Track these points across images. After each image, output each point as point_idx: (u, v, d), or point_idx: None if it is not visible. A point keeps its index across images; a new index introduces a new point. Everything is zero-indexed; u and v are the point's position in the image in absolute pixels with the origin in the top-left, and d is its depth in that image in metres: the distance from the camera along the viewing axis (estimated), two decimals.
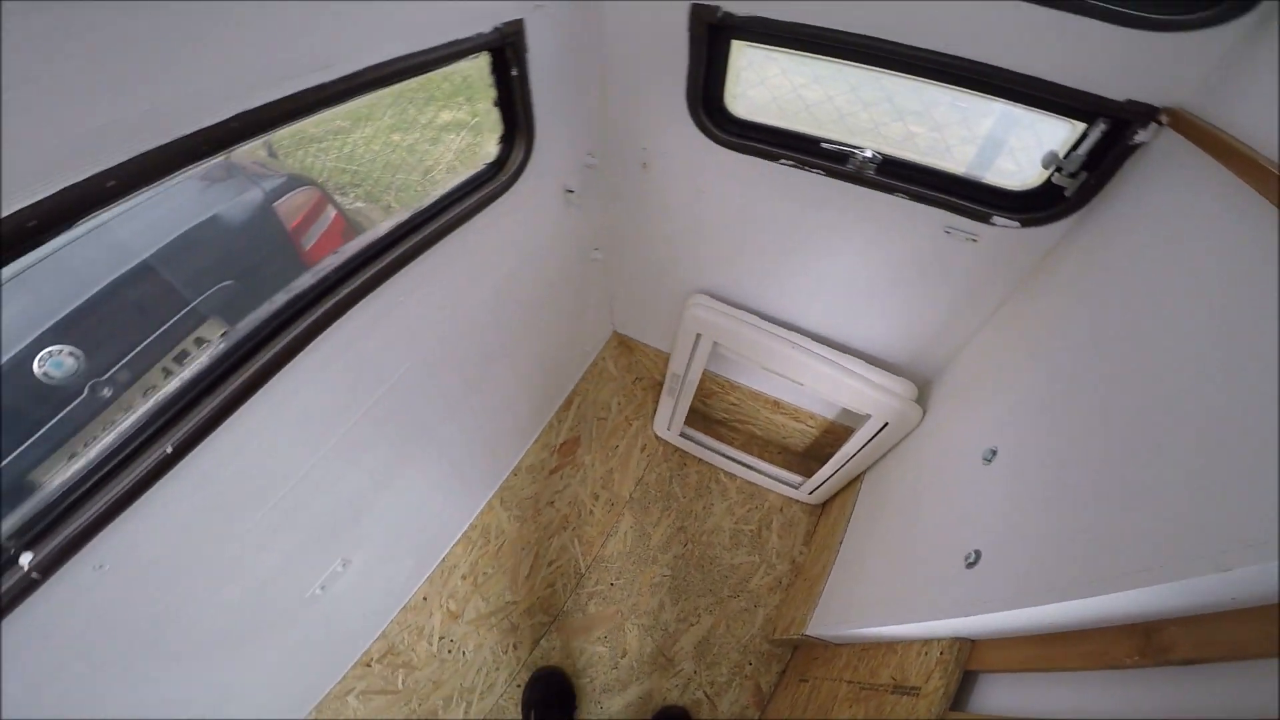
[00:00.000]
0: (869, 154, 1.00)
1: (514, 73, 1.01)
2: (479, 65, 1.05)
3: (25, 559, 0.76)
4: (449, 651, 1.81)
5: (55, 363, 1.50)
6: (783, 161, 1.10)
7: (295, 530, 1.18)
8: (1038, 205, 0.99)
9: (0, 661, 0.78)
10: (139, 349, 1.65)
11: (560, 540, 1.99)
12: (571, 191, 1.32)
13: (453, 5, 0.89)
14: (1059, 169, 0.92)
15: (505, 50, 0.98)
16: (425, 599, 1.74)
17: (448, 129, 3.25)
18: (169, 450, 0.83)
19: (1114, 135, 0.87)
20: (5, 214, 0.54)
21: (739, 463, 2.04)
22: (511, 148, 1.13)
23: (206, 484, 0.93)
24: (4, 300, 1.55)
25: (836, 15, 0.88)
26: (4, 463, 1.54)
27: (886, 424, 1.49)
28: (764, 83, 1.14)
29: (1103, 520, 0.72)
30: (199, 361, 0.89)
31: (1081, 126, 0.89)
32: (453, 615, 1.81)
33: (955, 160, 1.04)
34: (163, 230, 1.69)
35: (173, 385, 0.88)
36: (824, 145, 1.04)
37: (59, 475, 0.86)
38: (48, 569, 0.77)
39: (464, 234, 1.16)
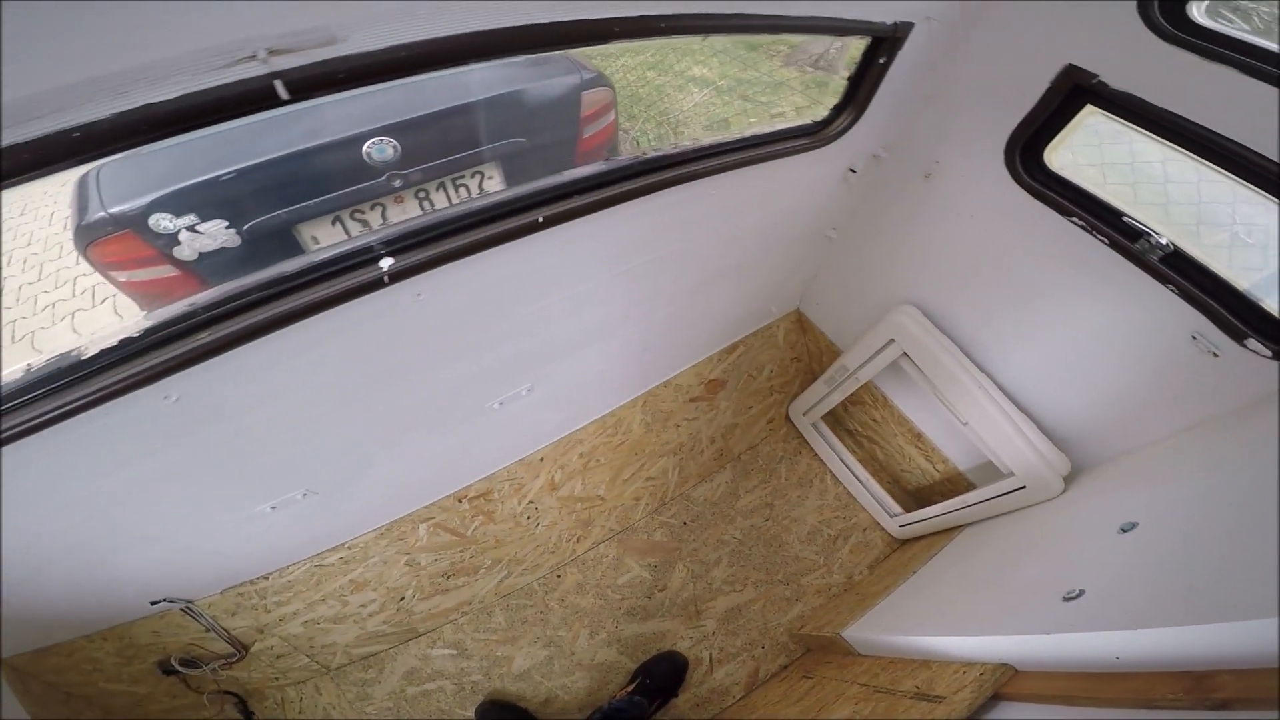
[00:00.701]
0: (1164, 241, 1.10)
1: (882, 60, 1.18)
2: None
3: (385, 263, 0.99)
4: (528, 518, 1.99)
5: (380, 148, 1.87)
6: (1073, 220, 1.21)
7: (528, 339, 1.42)
8: None
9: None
10: (434, 164, 1.98)
11: (665, 463, 2.19)
12: (854, 172, 1.49)
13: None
14: None
15: (887, 42, 1.15)
16: (542, 459, 1.92)
17: (695, 82, 3.53)
18: (540, 219, 1.07)
19: None
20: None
21: (851, 472, 2.16)
22: (839, 116, 1.31)
23: (527, 261, 1.18)
24: (367, 97, 1.91)
25: (1225, 118, 0.93)
26: (304, 206, 1.93)
27: (1023, 487, 1.57)
28: (1079, 147, 1.24)
29: (1220, 573, 0.84)
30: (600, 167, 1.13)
31: None
32: (552, 486, 2.00)
33: (1236, 279, 1.11)
34: (494, 83, 2.02)
35: (570, 177, 1.12)
36: (1124, 219, 1.14)
37: (441, 212, 1.08)
38: (395, 276, 1.00)
39: (764, 169, 1.35)
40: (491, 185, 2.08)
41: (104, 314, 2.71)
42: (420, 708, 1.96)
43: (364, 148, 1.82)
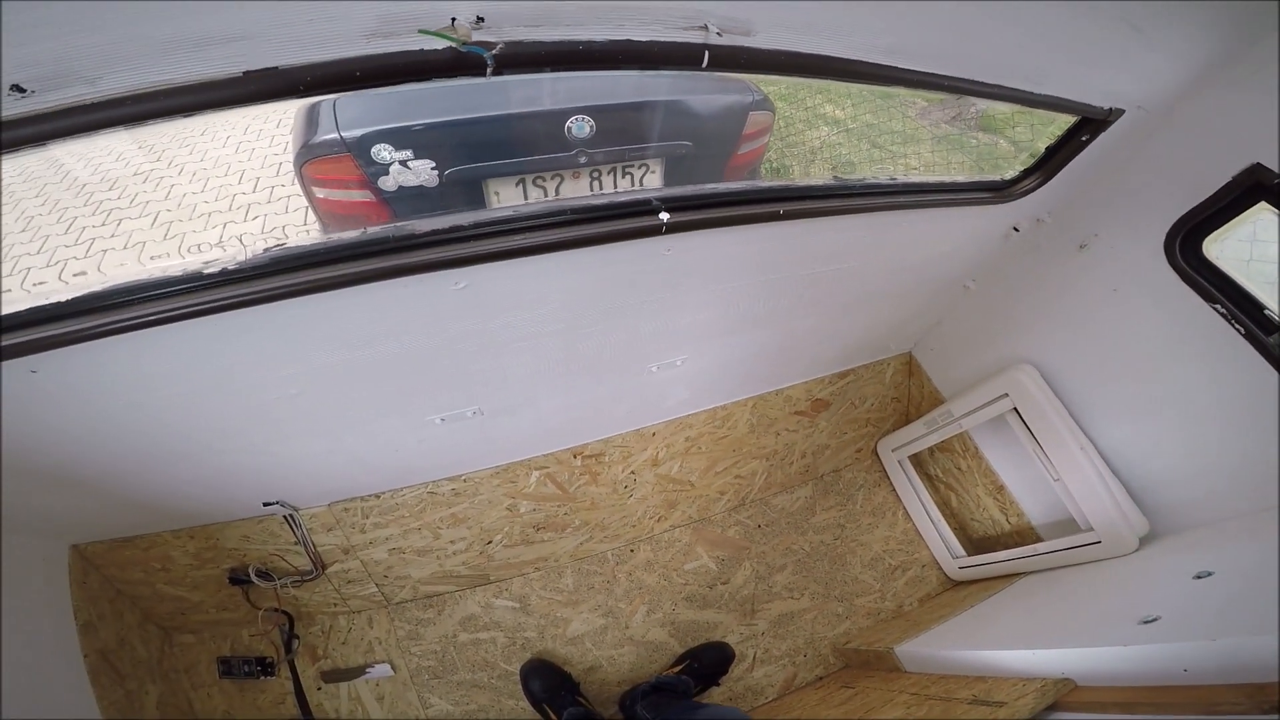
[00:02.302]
0: None
1: (1084, 138, 1.36)
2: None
3: (663, 215, 1.17)
4: (625, 488, 2.11)
5: (580, 126, 2.11)
6: (1214, 306, 1.36)
7: (704, 313, 1.58)
8: None
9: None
10: (617, 149, 2.22)
11: (756, 466, 2.32)
12: (1017, 231, 1.67)
13: (1094, 84, 1.21)
14: None
15: (1095, 123, 1.31)
16: (654, 434, 2.05)
17: (825, 120, 3.73)
18: (780, 211, 1.25)
19: None
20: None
21: (925, 511, 2.29)
22: (1027, 178, 1.49)
23: (743, 245, 1.36)
24: (574, 78, 2.15)
25: None
26: (501, 163, 2.15)
27: (1098, 543, 1.69)
28: (1232, 240, 1.41)
29: None
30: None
31: None
32: (655, 462, 2.12)
33: None
34: (679, 88, 2.27)
35: (802, 183, 1.31)
36: (1265, 312, 1.31)
37: (705, 185, 1.28)
38: (671, 228, 1.17)
39: (940, 213, 1.53)
40: (652, 180, 2.31)
41: (253, 227, 2.95)
42: (467, 655, 2.03)
43: (567, 122, 2.05)
